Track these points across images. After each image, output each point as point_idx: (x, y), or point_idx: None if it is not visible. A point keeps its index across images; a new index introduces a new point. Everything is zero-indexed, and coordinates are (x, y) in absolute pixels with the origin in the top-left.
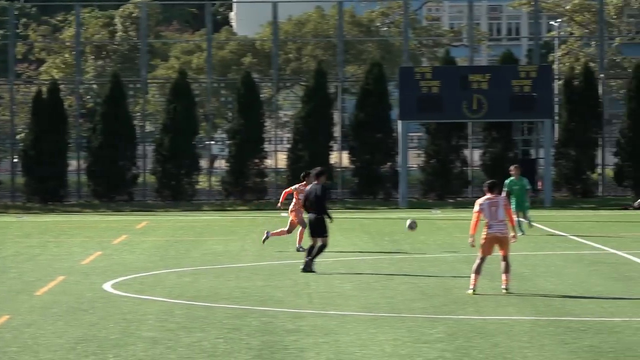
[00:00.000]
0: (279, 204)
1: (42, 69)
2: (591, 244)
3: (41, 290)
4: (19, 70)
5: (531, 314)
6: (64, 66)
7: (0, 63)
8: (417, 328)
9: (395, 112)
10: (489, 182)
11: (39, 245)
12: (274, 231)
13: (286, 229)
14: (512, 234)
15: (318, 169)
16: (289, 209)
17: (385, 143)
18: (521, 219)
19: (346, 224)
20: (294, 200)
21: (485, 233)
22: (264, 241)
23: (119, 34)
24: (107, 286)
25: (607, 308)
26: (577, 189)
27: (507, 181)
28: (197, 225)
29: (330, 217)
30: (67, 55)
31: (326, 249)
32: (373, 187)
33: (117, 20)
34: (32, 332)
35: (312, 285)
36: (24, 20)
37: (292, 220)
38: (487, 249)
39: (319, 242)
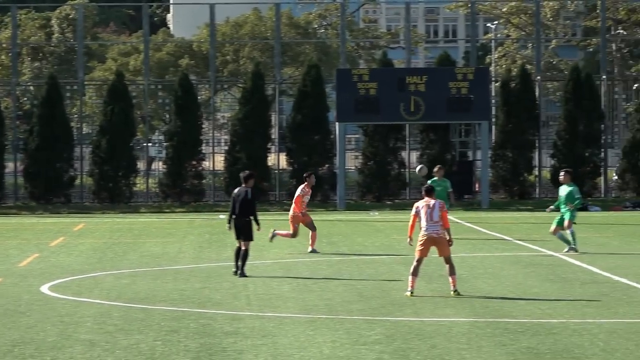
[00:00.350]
0: (299, 213)
1: None
2: (528, 246)
3: None
4: None
5: (469, 316)
6: (0, 68)
7: None
8: (355, 330)
9: (332, 114)
10: (426, 186)
11: None
12: (280, 232)
13: (291, 232)
14: (447, 237)
15: (247, 172)
16: (290, 214)
17: (322, 145)
18: None
19: (284, 226)
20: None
21: (420, 234)
22: (271, 239)
23: (56, 35)
24: (45, 288)
25: (545, 309)
26: (514, 191)
27: (429, 182)
28: (135, 227)
29: (257, 223)
30: (3, 57)
31: (249, 254)
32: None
33: (53, 21)
34: None
35: (250, 287)
36: None
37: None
38: (423, 251)
39: (242, 247)
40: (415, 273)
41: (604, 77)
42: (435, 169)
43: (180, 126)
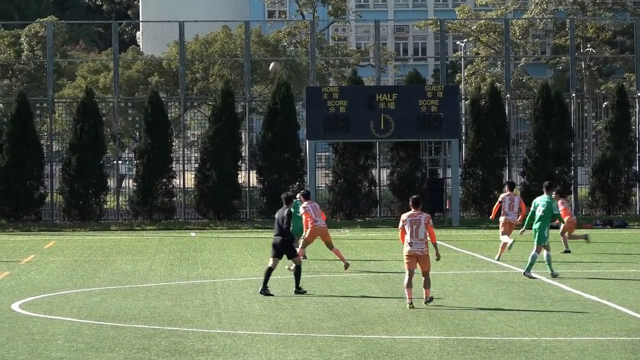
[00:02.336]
0: (306, 235)
1: None
2: (499, 264)
3: None
4: None
5: (440, 334)
6: None
7: None
8: (327, 348)
9: (303, 132)
10: (413, 197)
11: None
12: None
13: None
14: (434, 252)
15: (288, 193)
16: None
17: (293, 163)
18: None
19: (255, 244)
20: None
21: (406, 250)
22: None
23: (25, 53)
24: (15, 306)
25: (516, 327)
26: (484, 209)
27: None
28: (106, 245)
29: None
30: None
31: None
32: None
33: (23, 39)
34: None
35: (221, 305)
36: None
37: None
38: (411, 264)
39: (293, 264)
40: (409, 285)
41: (574, 95)
42: None
43: (151, 144)
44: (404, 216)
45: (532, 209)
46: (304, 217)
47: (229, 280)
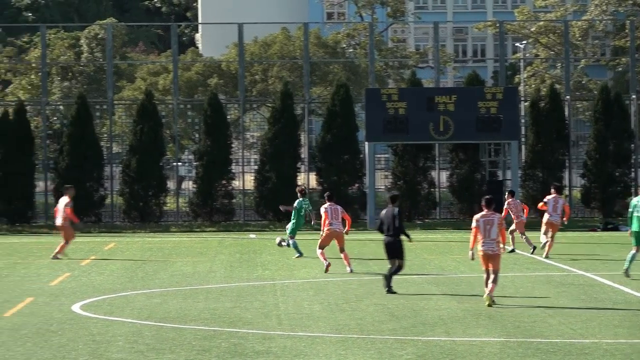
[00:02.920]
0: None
1: (8, 90)
2: (560, 266)
3: (10, 312)
4: None
5: (500, 336)
6: (30, 87)
7: None
8: (387, 349)
9: (362, 134)
10: (485, 197)
11: (6, 266)
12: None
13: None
14: (502, 251)
15: (394, 192)
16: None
17: (352, 164)
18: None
19: (314, 245)
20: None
21: (479, 249)
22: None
23: (85, 55)
24: (76, 307)
25: (577, 329)
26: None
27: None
28: (165, 246)
29: (408, 237)
30: (33, 77)
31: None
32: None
33: (82, 41)
34: (1, 353)
35: (282, 307)
36: None
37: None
38: (485, 264)
39: (396, 264)
40: (486, 284)
41: (634, 96)
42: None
43: (210, 145)
44: (477, 216)
45: (630, 209)
46: (323, 217)
47: (288, 282)
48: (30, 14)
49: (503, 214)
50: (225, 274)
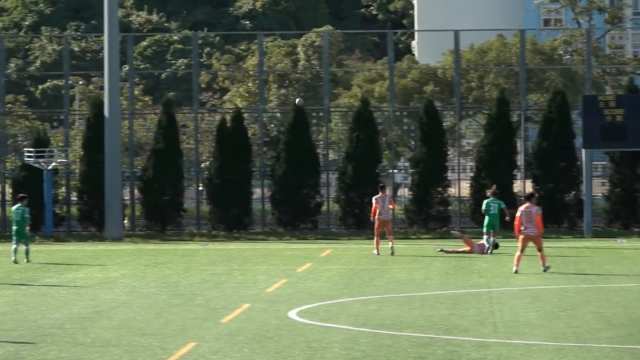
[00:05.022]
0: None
1: (225, 97)
2: None
3: (227, 318)
4: (203, 99)
5: None
6: (247, 95)
7: (184, 92)
8: (604, 358)
9: (578, 141)
10: (527, 193)
11: (224, 272)
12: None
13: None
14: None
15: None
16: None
17: (569, 171)
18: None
19: (531, 254)
20: None
21: (523, 233)
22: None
23: (302, 62)
24: (292, 314)
25: None
26: None
27: (485, 201)
28: (382, 253)
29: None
30: (250, 84)
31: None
32: (557, 215)
33: (299, 49)
34: (218, 359)
35: (497, 314)
36: (207, 49)
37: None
38: (524, 243)
39: None
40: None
41: None
42: (489, 190)
43: (426, 153)
44: (521, 207)
45: None
46: (373, 206)
47: (504, 289)
48: (247, 22)
49: None
50: (441, 281)
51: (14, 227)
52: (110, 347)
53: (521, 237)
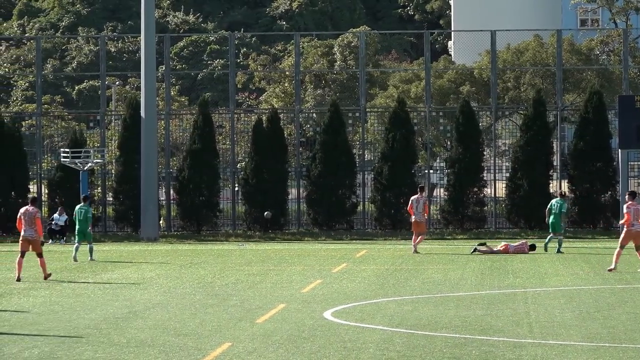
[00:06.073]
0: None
1: (262, 97)
2: None
3: (262, 318)
4: (240, 99)
5: None
6: (283, 95)
7: (221, 92)
8: None
9: (615, 141)
10: (629, 191)
11: (259, 273)
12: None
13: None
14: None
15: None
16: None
17: (605, 172)
18: (556, 238)
19: (567, 253)
20: None
21: (627, 230)
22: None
23: (338, 62)
24: (328, 314)
25: None
26: None
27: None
28: (417, 253)
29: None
30: (286, 84)
31: None
32: (593, 216)
33: (335, 49)
34: (253, 359)
35: (532, 315)
36: (244, 50)
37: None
38: (625, 241)
39: None
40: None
41: None
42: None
43: (462, 153)
44: (628, 203)
45: None
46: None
47: (539, 289)
48: (284, 23)
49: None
50: (476, 282)
51: (77, 227)
52: (145, 347)
53: (625, 233)
